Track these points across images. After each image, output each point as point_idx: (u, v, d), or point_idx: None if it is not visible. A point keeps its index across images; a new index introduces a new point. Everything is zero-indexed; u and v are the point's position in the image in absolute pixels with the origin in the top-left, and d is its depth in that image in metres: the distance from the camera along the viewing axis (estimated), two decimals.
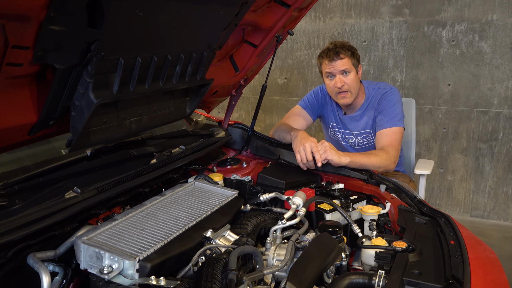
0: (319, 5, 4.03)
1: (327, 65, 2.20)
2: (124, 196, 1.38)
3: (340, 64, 2.17)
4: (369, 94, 2.31)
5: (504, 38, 3.48)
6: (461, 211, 3.85)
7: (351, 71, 2.19)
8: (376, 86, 2.32)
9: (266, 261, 1.21)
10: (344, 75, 2.19)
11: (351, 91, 2.21)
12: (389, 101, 2.23)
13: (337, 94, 2.23)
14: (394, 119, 2.19)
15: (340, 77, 2.19)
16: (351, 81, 2.19)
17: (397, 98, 2.25)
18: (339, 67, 2.17)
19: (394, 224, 1.43)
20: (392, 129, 2.18)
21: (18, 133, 1.15)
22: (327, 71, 2.21)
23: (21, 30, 0.92)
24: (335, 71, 2.18)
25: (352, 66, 2.20)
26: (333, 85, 2.21)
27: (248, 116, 4.59)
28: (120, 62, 1.18)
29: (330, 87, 2.24)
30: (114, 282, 0.98)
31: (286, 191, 1.57)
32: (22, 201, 1.13)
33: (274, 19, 1.83)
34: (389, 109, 2.22)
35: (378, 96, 2.27)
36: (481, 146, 3.69)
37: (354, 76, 2.21)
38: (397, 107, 2.23)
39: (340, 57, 2.17)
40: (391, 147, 2.10)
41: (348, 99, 2.23)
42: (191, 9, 1.31)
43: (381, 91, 2.28)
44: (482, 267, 1.17)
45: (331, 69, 2.19)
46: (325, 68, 2.21)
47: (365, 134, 2.35)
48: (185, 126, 2.17)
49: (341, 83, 2.18)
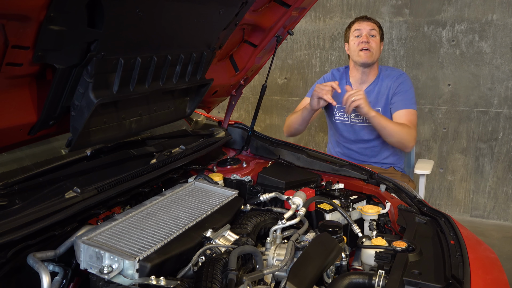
0: (319, 5, 4.03)
1: (358, 24, 2.41)
2: (124, 196, 1.38)
3: (370, 25, 2.41)
4: (380, 73, 2.45)
5: (504, 38, 3.48)
6: (461, 211, 3.85)
7: (376, 36, 2.39)
8: (389, 68, 2.48)
9: (266, 261, 1.21)
10: (371, 36, 2.38)
11: (373, 52, 2.37)
12: (405, 84, 2.39)
13: (359, 52, 2.38)
14: (411, 101, 2.35)
15: (367, 35, 2.38)
16: (375, 43, 2.38)
17: (410, 83, 2.44)
18: (368, 27, 2.39)
19: (394, 224, 1.43)
20: (410, 110, 2.33)
21: (18, 133, 1.15)
22: (356, 29, 2.40)
23: (21, 30, 0.92)
24: (364, 29, 2.38)
25: (379, 34, 2.40)
26: (359, 41, 2.37)
27: (248, 116, 4.59)
28: (120, 62, 1.18)
29: (355, 44, 2.40)
30: (114, 282, 0.98)
31: (286, 191, 1.57)
32: (22, 201, 1.13)
33: (274, 19, 1.83)
34: (406, 92, 2.36)
35: (393, 78, 2.40)
36: (481, 146, 3.69)
37: (378, 42, 2.40)
38: (412, 91, 2.40)
39: (371, 21, 2.42)
40: (412, 125, 2.25)
41: (368, 57, 2.37)
42: (191, 9, 1.31)
43: (395, 72, 2.44)
44: (482, 267, 1.17)
45: (361, 27, 2.39)
46: (355, 27, 2.41)
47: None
48: (185, 126, 2.17)
49: (367, 39, 2.35)
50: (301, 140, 4.26)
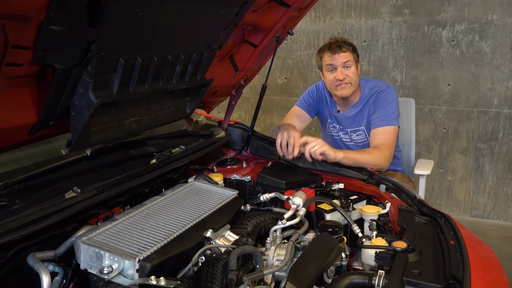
0: (319, 5, 4.03)
1: (329, 57, 2.21)
2: (124, 196, 1.38)
3: (343, 56, 2.19)
4: (364, 93, 2.32)
5: (504, 38, 3.48)
6: (461, 211, 3.85)
7: (352, 65, 2.22)
8: (371, 85, 2.32)
9: (266, 261, 1.21)
10: (345, 68, 2.21)
11: (351, 83, 2.23)
12: (384, 100, 2.24)
13: (336, 87, 2.24)
14: (389, 117, 2.20)
15: (341, 70, 2.21)
16: (353, 74, 2.22)
17: (392, 96, 2.25)
18: (341, 60, 2.19)
19: (394, 224, 1.43)
20: (387, 128, 2.19)
21: (18, 133, 1.15)
22: (328, 64, 2.22)
23: (21, 30, 0.92)
24: (337, 63, 2.20)
25: (353, 60, 2.23)
26: (334, 78, 2.22)
27: (248, 116, 4.59)
28: (120, 62, 1.18)
29: (330, 80, 2.25)
30: (114, 282, 0.98)
31: (286, 191, 1.57)
32: (22, 201, 1.13)
33: (274, 19, 1.83)
34: (384, 108, 2.22)
35: (373, 95, 2.28)
36: (481, 146, 3.69)
37: (355, 70, 2.23)
38: (392, 105, 2.23)
39: (342, 50, 2.19)
40: (385, 145, 2.11)
41: (347, 91, 2.23)
42: (191, 9, 1.31)
43: (376, 89, 2.28)
44: (482, 267, 1.17)
45: (333, 61, 2.20)
46: (326, 61, 2.23)
47: (359, 131, 2.36)
48: (185, 126, 2.17)
49: (343, 75, 2.20)
50: None
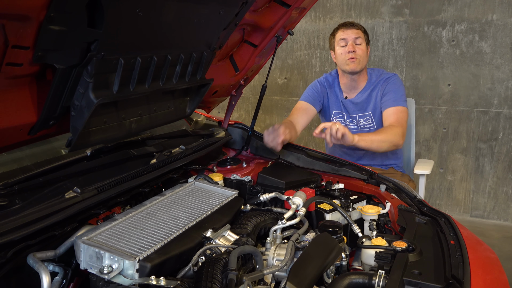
0: (319, 5, 4.03)
1: (342, 32, 2.37)
2: (124, 196, 1.38)
3: (355, 32, 2.35)
4: (371, 79, 2.43)
5: (504, 38, 3.48)
6: (461, 211, 3.85)
7: (362, 43, 2.35)
8: (378, 73, 2.45)
9: (266, 261, 1.21)
10: (356, 44, 2.34)
11: (360, 60, 2.34)
12: (394, 83, 2.38)
13: (347, 61, 2.34)
14: (400, 99, 2.33)
15: (352, 43, 2.34)
16: (362, 51, 2.35)
17: (400, 82, 2.42)
18: (353, 35, 2.34)
19: (394, 224, 1.43)
20: (398, 107, 2.32)
21: (18, 133, 1.15)
22: (341, 38, 2.36)
23: (21, 30, 0.92)
24: (349, 38, 2.34)
25: (364, 39, 2.36)
26: (345, 51, 2.34)
27: (248, 116, 4.59)
28: (120, 62, 1.18)
29: (342, 54, 2.37)
30: (114, 282, 0.97)
31: (286, 191, 1.57)
32: (22, 201, 1.13)
33: (274, 19, 1.83)
34: (395, 90, 2.35)
35: (381, 81, 2.40)
36: (481, 146, 3.69)
37: (365, 49, 2.36)
38: (401, 89, 2.38)
39: (355, 27, 2.36)
40: (398, 123, 2.24)
41: (355, 65, 2.34)
42: (191, 9, 1.31)
43: (384, 76, 2.42)
44: (482, 267, 1.17)
45: (346, 35, 2.35)
46: (340, 36, 2.37)
47: (366, 117, 2.43)
48: (185, 126, 2.17)
49: (354, 48, 2.33)
50: (301, 140, 4.25)
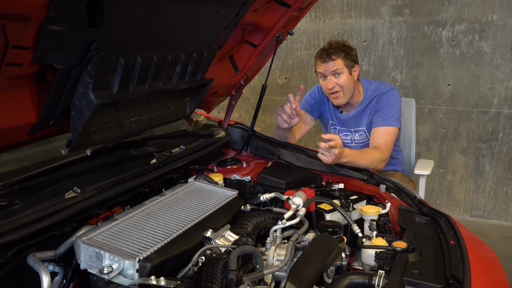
0: (319, 5, 4.03)
1: (320, 65, 2.23)
2: (124, 196, 1.38)
3: (332, 65, 2.19)
4: (367, 95, 2.32)
5: (504, 38, 3.48)
6: (461, 211, 3.85)
7: (343, 72, 2.20)
8: (374, 87, 2.32)
9: (266, 261, 1.21)
10: (335, 76, 2.21)
11: (343, 91, 2.23)
12: (387, 100, 2.25)
13: (330, 95, 2.28)
14: (390, 118, 2.21)
15: (331, 78, 2.21)
16: (343, 82, 2.20)
17: (395, 98, 2.26)
18: (330, 68, 2.20)
19: (394, 224, 1.43)
20: (387, 128, 2.20)
21: (18, 133, 1.15)
22: (319, 72, 2.25)
23: (21, 30, 0.92)
24: (327, 72, 2.21)
25: (345, 67, 2.21)
26: (325, 85, 2.25)
27: (248, 116, 4.59)
28: (120, 62, 1.18)
29: (324, 87, 2.28)
30: (114, 282, 0.97)
31: (286, 191, 1.57)
32: (22, 201, 1.13)
33: (274, 19, 1.83)
34: (386, 108, 2.23)
35: (376, 97, 2.29)
36: (481, 146, 3.69)
37: (346, 77, 2.21)
38: (395, 107, 2.24)
39: (331, 59, 2.19)
40: (385, 147, 2.13)
41: (340, 100, 2.25)
42: (191, 9, 1.31)
43: (379, 91, 2.29)
44: (482, 267, 1.17)
45: (323, 70, 2.22)
46: (318, 69, 2.25)
47: (360, 132, 2.37)
48: (185, 126, 2.17)
49: (332, 84, 2.21)
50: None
